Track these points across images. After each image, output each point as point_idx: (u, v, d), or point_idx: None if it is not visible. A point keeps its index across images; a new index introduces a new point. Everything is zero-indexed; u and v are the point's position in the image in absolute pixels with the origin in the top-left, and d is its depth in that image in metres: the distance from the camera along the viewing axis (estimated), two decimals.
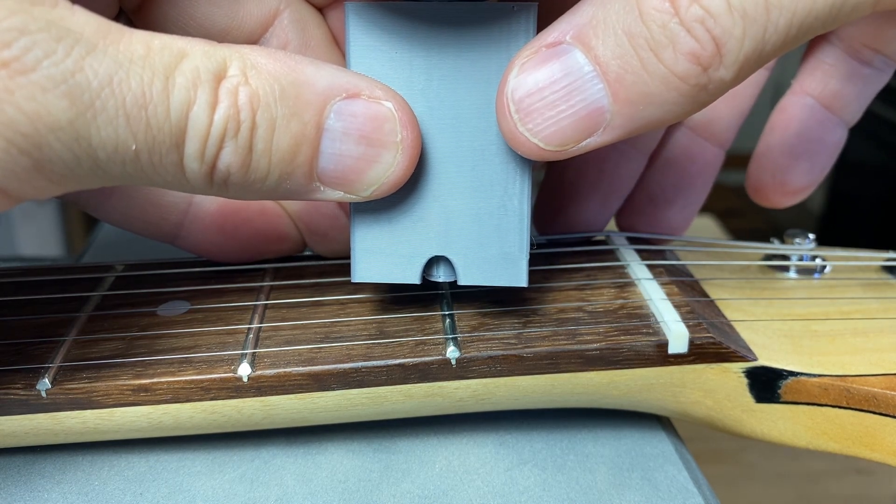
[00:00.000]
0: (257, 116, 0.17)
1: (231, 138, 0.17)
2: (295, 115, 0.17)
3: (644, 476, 0.23)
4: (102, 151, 0.16)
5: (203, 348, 0.22)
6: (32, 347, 0.22)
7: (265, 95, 0.17)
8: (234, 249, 0.26)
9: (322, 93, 0.18)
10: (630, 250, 0.27)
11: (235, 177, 0.17)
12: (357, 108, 0.18)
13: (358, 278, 0.21)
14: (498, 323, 0.23)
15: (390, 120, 0.18)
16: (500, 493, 0.22)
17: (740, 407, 0.23)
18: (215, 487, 0.22)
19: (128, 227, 0.25)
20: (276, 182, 0.18)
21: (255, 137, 0.17)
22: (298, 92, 0.17)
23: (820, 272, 0.28)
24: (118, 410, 0.21)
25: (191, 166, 0.17)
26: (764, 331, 0.24)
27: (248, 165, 0.17)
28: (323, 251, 0.27)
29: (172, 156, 0.17)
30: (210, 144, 0.17)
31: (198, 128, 0.16)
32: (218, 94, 0.17)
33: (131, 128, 0.16)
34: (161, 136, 0.16)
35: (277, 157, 0.17)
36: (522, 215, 0.21)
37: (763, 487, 0.58)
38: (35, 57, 0.15)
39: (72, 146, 0.15)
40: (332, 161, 0.18)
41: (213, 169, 0.17)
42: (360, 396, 0.22)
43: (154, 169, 0.17)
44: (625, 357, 0.22)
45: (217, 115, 0.16)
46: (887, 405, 0.22)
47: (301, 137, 0.18)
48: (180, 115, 0.16)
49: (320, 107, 0.18)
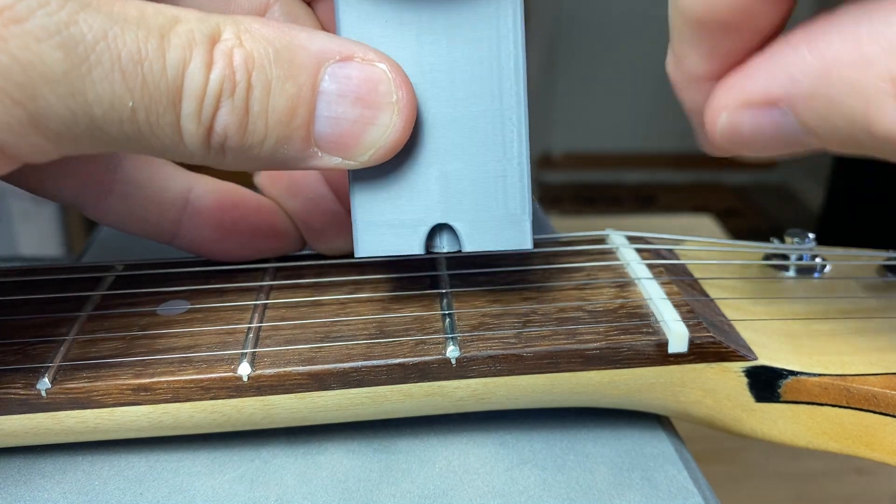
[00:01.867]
0: (252, 78, 0.17)
1: (227, 98, 0.17)
2: (290, 77, 0.17)
3: (644, 476, 0.23)
4: (99, 108, 0.16)
5: (203, 348, 0.22)
6: (32, 347, 0.22)
7: (260, 58, 0.17)
8: (233, 246, 0.26)
9: (316, 56, 0.18)
10: (630, 249, 0.27)
11: (233, 140, 0.17)
12: (351, 71, 0.18)
13: (361, 253, 0.21)
14: (498, 322, 0.23)
15: (385, 81, 0.18)
16: (500, 493, 0.22)
17: (740, 406, 0.23)
18: (215, 487, 0.22)
19: (126, 227, 0.25)
20: (273, 146, 0.18)
21: (251, 98, 0.17)
22: (293, 55, 0.18)
23: (820, 272, 0.28)
24: (118, 410, 0.21)
25: (188, 127, 0.17)
26: (764, 330, 0.24)
27: (244, 127, 0.17)
28: (321, 249, 0.27)
29: (169, 115, 0.17)
30: (207, 104, 0.17)
31: (194, 87, 0.16)
32: (213, 56, 0.17)
33: (127, 83, 0.16)
34: (157, 93, 0.16)
35: (274, 118, 0.18)
36: (522, 178, 0.21)
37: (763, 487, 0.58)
38: (28, 6, 0.15)
39: (67, 100, 0.15)
40: (328, 124, 0.18)
41: (211, 131, 0.17)
42: (360, 396, 0.22)
43: (151, 130, 0.17)
44: (625, 356, 0.22)
45: (213, 75, 0.17)
46: (887, 405, 0.22)
47: (297, 99, 0.18)
48: (176, 73, 0.16)
49: (315, 69, 0.18)
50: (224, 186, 0.26)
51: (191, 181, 0.25)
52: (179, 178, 0.25)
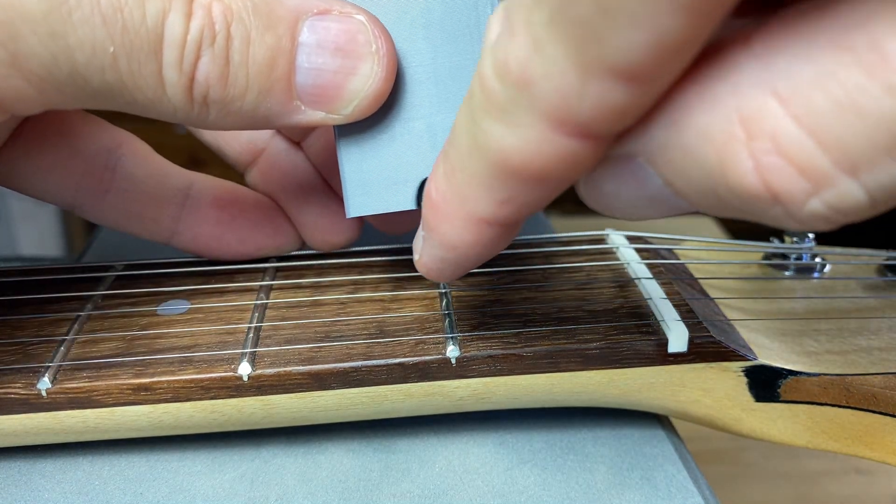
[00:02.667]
0: (231, 28, 0.17)
1: (208, 47, 0.17)
2: (269, 28, 0.18)
3: (644, 476, 0.23)
4: (80, 53, 0.16)
5: (203, 347, 0.22)
6: (33, 347, 0.22)
7: (238, 10, 0.17)
8: (232, 243, 0.26)
9: (294, 9, 0.18)
10: (630, 249, 0.27)
11: (215, 91, 0.18)
12: (330, 23, 0.18)
13: (353, 213, 0.21)
14: (498, 322, 0.23)
15: (363, 31, 0.19)
16: (500, 493, 0.22)
17: (740, 406, 0.23)
18: (215, 487, 0.22)
19: (124, 226, 0.25)
20: (255, 99, 0.18)
21: (231, 49, 0.17)
22: (270, 8, 0.18)
23: (819, 271, 0.28)
24: (118, 409, 0.21)
25: (170, 76, 0.17)
26: (763, 330, 0.24)
27: (226, 78, 0.18)
28: (318, 244, 0.27)
29: (151, 64, 0.17)
30: (188, 52, 0.17)
31: (174, 35, 0.17)
32: (192, 7, 0.17)
33: (108, 29, 0.16)
34: (138, 40, 0.16)
35: (255, 69, 0.18)
36: None
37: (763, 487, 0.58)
38: None
39: (48, 42, 0.16)
40: (310, 76, 0.18)
41: (193, 80, 0.17)
42: (360, 395, 0.22)
43: (134, 80, 0.17)
44: (624, 356, 0.22)
45: (193, 24, 0.17)
46: (887, 404, 0.22)
47: (276, 50, 0.18)
48: (156, 21, 0.17)
49: (293, 21, 0.18)
50: (222, 183, 0.26)
51: (189, 178, 0.26)
52: (178, 175, 0.25)
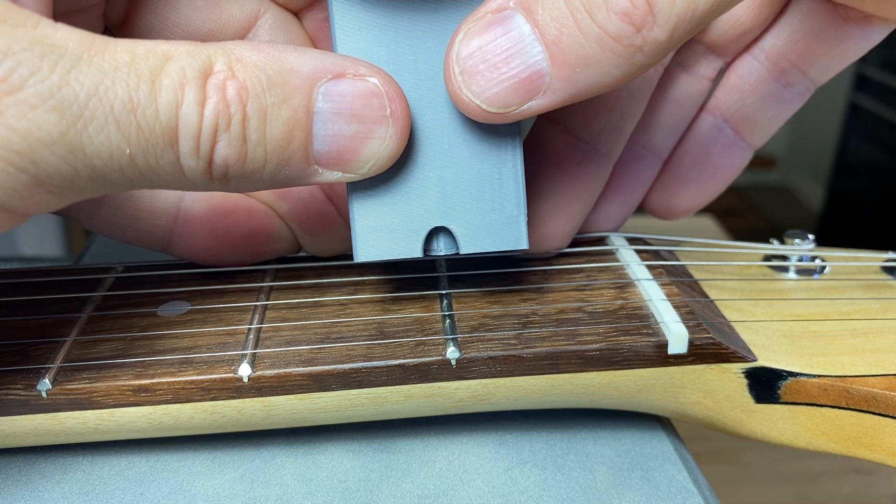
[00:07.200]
0: (247, 108, 0.17)
1: (224, 132, 0.17)
2: (284, 101, 0.18)
3: (644, 476, 0.23)
4: (98, 160, 0.16)
5: (203, 349, 0.22)
6: (33, 348, 0.22)
7: (253, 87, 0.17)
8: (227, 253, 0.26)
9: (308, 77, 0.18)
10: (630, 251, 0.27)
11: (234, 169, 0.18)
12: (344, 88, 0.18)
13: (361, 258, 0.21)
14: (498, 323, 0.23)
15: (378, 95, 0.19)
16: (500, 493, 0.22)
17: (740, 407, 0.23)
18: (216, 487, 0.22)
19: (121, 237, 0.25)
20: (274, 170, 0.18)
21: (247, 128, 0.17)
22: (285, 79, 0.18)
23: (819, 273, 0.28)
24: (118, 411, 0.21)
25: (188, 164, 0.17)
26: (763, 331, 0.24)
27: (244, 156, 0.18)
28: (316, 251, 0.27)
29: (168, 155, 0.17)
30: (204, 140, 0.17)
31: (189, 125, 0.17)
32: (206, 91, 0.17)
33: (122, 133, 0.16)
34: (153, 137, 0.16)
35: (272, 144, 0.18)
36: (517, 178, 0.21)
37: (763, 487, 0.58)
38: (21, 76, 0.15)
39: (67, 158, 0.16)
40: (326, 143, 0.18)
41: (211, 164, 0.17)
42: (361, 397, 0.22)
43: (153, 171, 0.17)
44: (624, 357, 0.22)
45: (207, 111, 0.17)
46: (887, 406, 0.22)
47: (293, 123, 0.18)
48: (170, 114, 0.16)
49: (308, 91, 0.18)
50: (215, 194, 0.26)
51: (180, 191, 0.25)
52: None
